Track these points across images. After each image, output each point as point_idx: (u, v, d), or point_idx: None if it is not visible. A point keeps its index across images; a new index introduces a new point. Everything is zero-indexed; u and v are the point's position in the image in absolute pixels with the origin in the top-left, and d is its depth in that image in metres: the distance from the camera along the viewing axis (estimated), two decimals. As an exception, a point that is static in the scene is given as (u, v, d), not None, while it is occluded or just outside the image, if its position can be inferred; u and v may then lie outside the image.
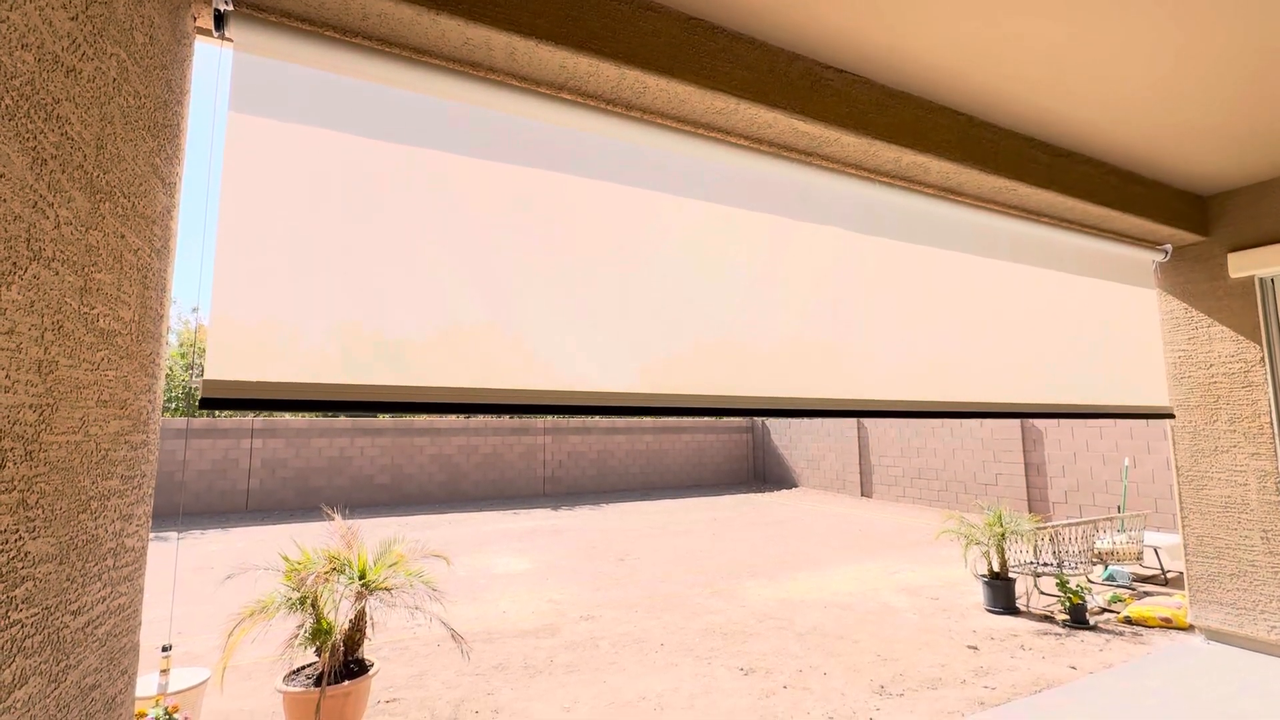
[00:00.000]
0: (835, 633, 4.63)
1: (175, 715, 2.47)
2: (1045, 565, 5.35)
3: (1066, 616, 4.79)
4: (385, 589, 3.27)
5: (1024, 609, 5.12)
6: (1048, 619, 4.87)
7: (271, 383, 1.67)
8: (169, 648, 2.60)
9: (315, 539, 3.95)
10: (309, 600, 3.06)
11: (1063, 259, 3.64)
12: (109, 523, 1.16)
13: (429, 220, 1.95)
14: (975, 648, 4.27)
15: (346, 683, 3.00)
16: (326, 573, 3.14)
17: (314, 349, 1.74)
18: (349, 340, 1.80)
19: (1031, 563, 5.35)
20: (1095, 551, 5.68)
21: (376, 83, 1.90)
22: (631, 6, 2.01)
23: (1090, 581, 5.86)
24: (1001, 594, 5.10)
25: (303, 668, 3.13)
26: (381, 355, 1.83)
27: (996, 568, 5.23)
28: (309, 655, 3.15)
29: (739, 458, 17.85)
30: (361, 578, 3.22)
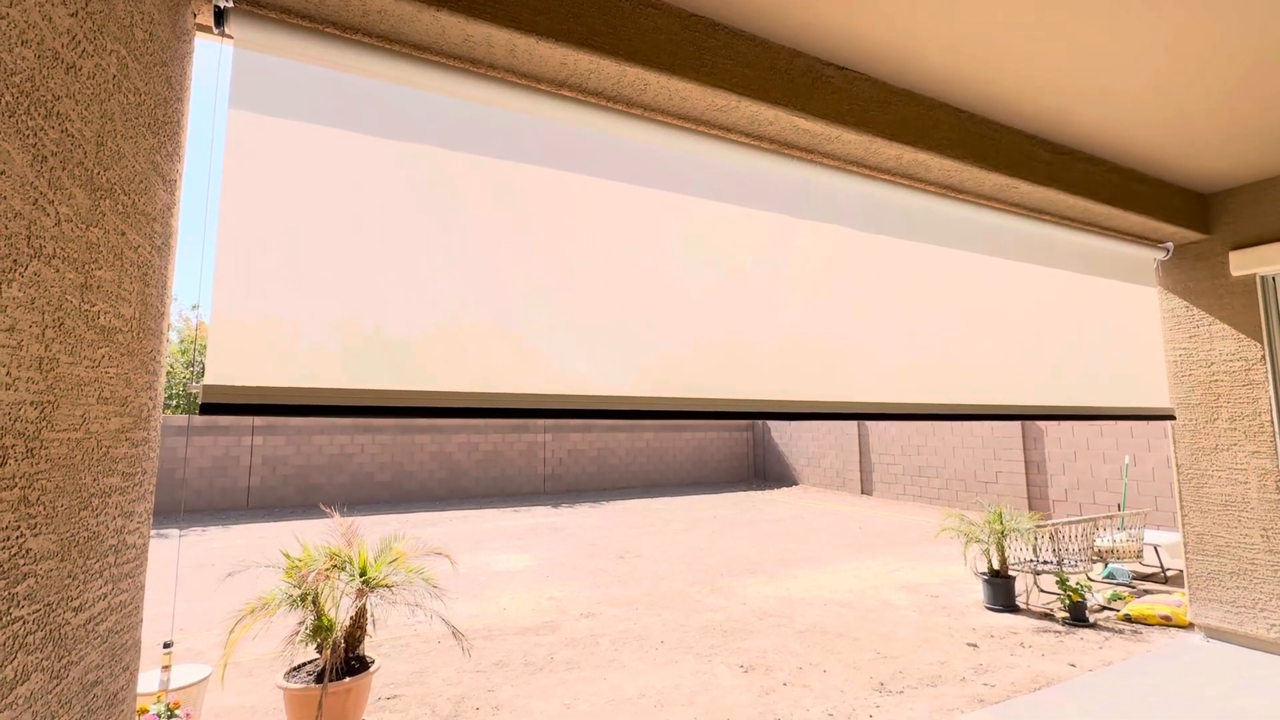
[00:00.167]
0: (835, 630, 4.64)
1: (177, 711, 2.48)
2: (1045, 563, 5.35)
3: (1066, 614, 4.80)
4: (386, 586, 3.28)
5: (1024, 607, 5.12)
6: (1047, 617, 4.88)
7: (271, 388, 1.67)
8: (170, 644, 2.61)
9: (316, 536, 3.95)
10: (310, 597, 3.06)
11: (1064, 257, 3.63)
12: (110, 520, 1.16)
13: (429, 217, 1.95)
14: (975, 645, 4.28)
15: (347, 679, 3.00)
16: (327, 570, 3.14)
17: (314, 348, 1.74)
18: (349, 338, 1.80)
19: (1031, 560, 5.35)
20: (1095, 549, 5.68)
21: (377, 80, 1.89)
22: (632, 3, 2.00)
23: (1090, 579, 5.86)
24: (1001, 592, 5.10)
25: (304, 664, 3.14)
26: (382, 355, 1.83)
27: (996, 565, 5.23)
28: (310, 652, 3.16)
29: (739, 455, 17.87)
30: (362, 575, 3.22)
